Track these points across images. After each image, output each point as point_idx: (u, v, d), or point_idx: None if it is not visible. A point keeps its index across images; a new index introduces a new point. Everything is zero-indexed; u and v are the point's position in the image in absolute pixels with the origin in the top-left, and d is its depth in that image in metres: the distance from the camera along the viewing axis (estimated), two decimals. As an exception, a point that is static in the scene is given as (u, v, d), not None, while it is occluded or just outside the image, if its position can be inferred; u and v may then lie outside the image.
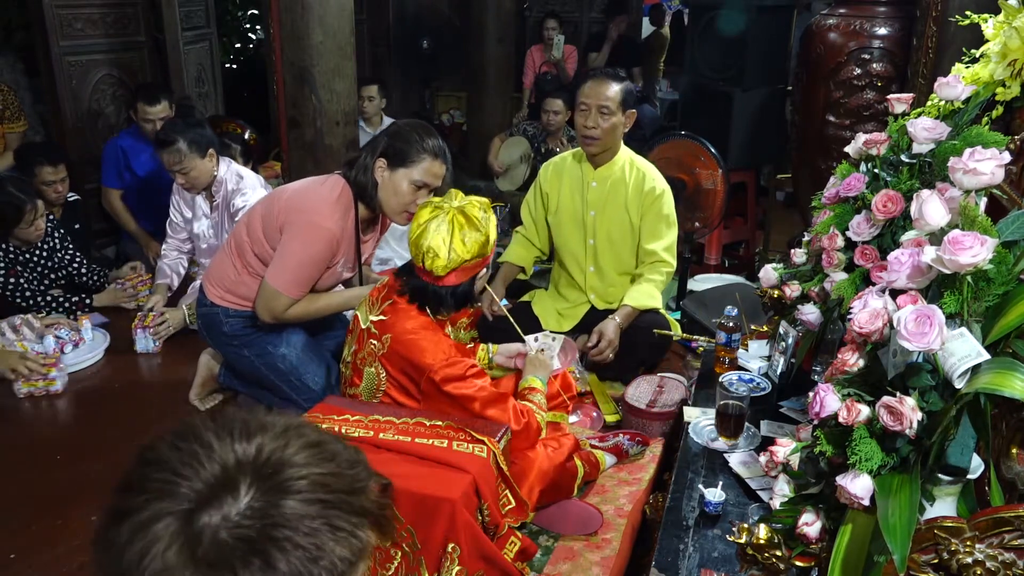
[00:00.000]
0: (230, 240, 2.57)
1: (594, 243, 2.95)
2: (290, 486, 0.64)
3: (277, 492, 0.64)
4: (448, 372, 1.95)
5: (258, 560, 0.60)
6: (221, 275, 2.55)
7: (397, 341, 2.01)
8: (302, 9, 3.70)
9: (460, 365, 1.97)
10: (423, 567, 1.65)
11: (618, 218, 2.90)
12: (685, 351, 3.09)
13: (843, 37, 3.41)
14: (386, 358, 2.04)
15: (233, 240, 2.54)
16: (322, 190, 2.38)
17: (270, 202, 2.46)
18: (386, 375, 2.05)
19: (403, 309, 2.05)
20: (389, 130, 2.42)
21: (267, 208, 2.44)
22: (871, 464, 1.12)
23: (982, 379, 1.05)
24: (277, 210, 2.38)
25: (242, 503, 0.62)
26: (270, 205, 2.44)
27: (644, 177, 2.88)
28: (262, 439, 0.67)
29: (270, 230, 2.40)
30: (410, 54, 6.69)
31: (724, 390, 1.84)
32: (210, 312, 2.56)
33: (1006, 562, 0.99)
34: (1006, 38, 1.58)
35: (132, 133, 4.04)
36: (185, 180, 3.17)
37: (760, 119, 3.90)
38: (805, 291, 1.92)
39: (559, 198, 2.99)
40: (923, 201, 1.23)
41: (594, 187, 2.91)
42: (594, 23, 7.09)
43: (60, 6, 4.17)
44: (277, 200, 2.43)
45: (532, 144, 4.80)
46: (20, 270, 3.26)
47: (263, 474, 0.65)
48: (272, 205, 2.42)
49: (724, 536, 1.51)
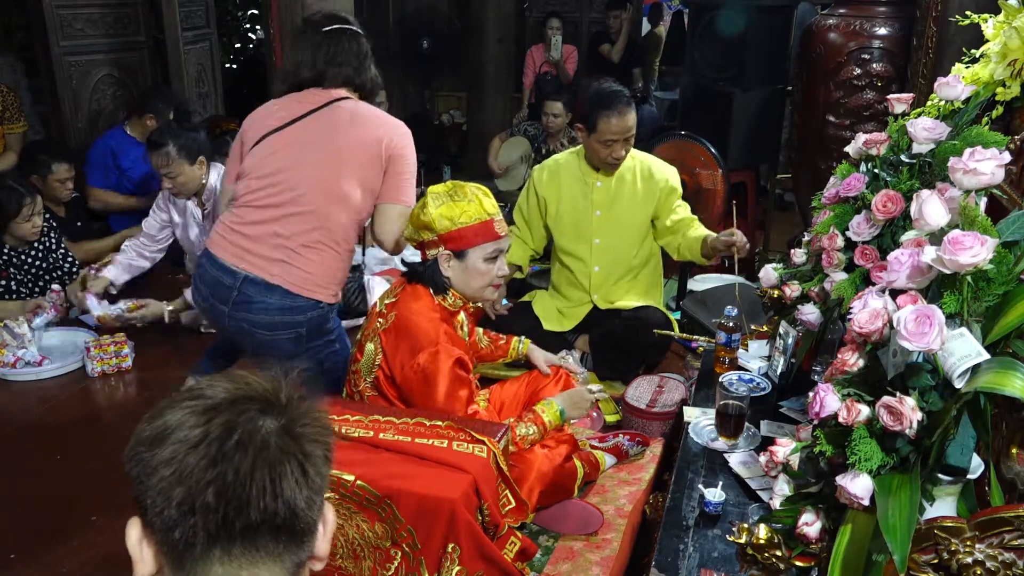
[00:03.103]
0: (318, 232, 2.23)
1: (600, 243, 2.94)
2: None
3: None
4: (432, 351, 1.96)
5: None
6: (330, 272, 2.28)
7: (399, 317, 2.03)
8: (302, 9, 3.71)
9: (448, 353, 1.97)
10: (423, 567, 1.65)
11: (626, 215, 2.90)
12: (685, 351, 3.09)
13: (843, 37, 3.41)
14: (386, 333, 2.05)
15: (328, 227, 2.23)
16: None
17: (349, 158, 2.21)
18: (381, 353, 2.06)
19: (412, 291, 2.07)
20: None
21: (351, 162, 2.22)
22: (871, 464, 1.12)
23: (982, 379, 1.05)
24: (370, 155, 2.20)
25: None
26: (351, 160, 2.21)
27: (650, 168, 2.91)
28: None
29: (368, 175, 2.22)
30: (410, 54, 6.69)
31: (724, 390, 1.84)
32: (321, 314, 2.30)
33: (1006, 562, 0.99)
34: (1006, 38, 1.58)
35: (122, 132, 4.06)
36: (172, 185, 3.15)
37: (760, 119, 3.90)
38: (805, 291, 1.92)
39: (559, 202, 2.97)
40: (923, 201, 1.23)
41: (599, 187, 2.91)
42: (594, 23, 7.08)
43: (60, 6, 4.18)
44: (359, 147, 2.21)
45: (533, 144, 4.79)
46: (13, 272, 3.25)
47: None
48: (357, 156, 2.21)
49: (724, 536, 1.51)
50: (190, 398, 0.79)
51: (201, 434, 0.75)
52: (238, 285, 2.21)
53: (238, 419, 0.77)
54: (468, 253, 2.03)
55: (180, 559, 0.76)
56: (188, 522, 0.74)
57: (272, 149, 2.24)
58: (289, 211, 2.20)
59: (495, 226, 2.04)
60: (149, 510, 0.75)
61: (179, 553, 0.76)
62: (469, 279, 2.06)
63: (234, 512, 0.74)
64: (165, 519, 0.74)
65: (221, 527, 0.74)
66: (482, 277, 2.06)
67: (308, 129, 2.24)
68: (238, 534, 0.75)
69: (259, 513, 0.75)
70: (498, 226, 2.05)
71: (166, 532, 0.75)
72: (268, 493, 0.75)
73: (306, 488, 0.78)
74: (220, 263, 2.22)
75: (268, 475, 0.75)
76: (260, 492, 0.75)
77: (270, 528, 0.76)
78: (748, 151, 3.94)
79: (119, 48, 4.44)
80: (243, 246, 2.22)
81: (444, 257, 2.03)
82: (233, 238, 2.23)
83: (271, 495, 0.75)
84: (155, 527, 0.76)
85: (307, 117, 2.25)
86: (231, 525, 0.74)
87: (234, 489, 0.74)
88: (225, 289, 2.23)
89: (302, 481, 0.78)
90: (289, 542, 0.78)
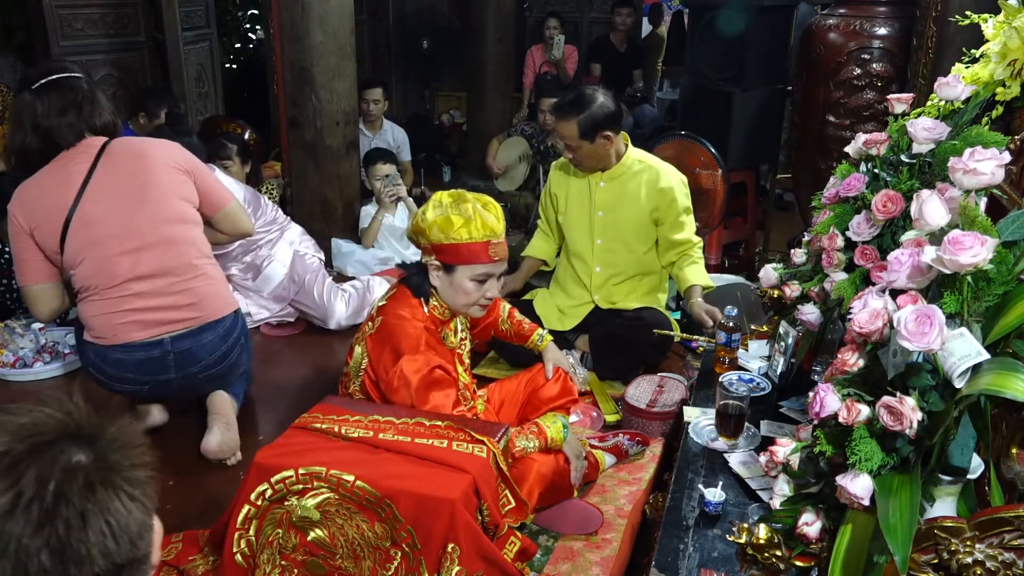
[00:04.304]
0: (190, 250, 2.33)
1: (601, 243, 2.95)
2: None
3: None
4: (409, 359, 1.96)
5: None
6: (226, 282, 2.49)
7: (384, 322, 2.03)
8: (302, 9, 3.71)
9: (423, 360, 1.97)
10: (423, 567, 1.65)
11: (629, 217, 2.89)
12: (685, 351, 3.09)
13: (843, 37, 3.41)
14: (371, 338, 2.05)
15: (193, 245, 2.34)
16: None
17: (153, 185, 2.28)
18: (367, 357, 2.05)
19: (402, 295, 2.07)
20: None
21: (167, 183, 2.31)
22: (871, 464, 1.12)
23: (983, 380, 1.05)
24: (173, 179, 2.31)
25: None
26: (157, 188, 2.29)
27: (658, 175, 2.85)
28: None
29: (185, 190, 2.33)
30: (410, 54, 6.69)
31: (724, 390, 1.84)
32: (245, 326, 2.49)
33: (1006, 562, 0.99)
34: (1006, 38, 1.58)
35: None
36: None
37: (760, 119, 3.90)
38: (805, 291, 1.92)
39: (567, 199, 2.99)
40: (923, 201, 1.23)
41: (602, 187, 2.90)
42: (594, 23, 7.08)
43: (60, 6, 4.18)
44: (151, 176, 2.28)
45: (531, 143, 4.80)
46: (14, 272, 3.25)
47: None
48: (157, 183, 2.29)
49: (724, 536, 1.51)
50: None
51: (12, 498, 0.68)
52: (169, 348, 2.27)
53: (49, 468, 0.70)
54: (457, 269, 2.00)
55: None
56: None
57: (88, 222, 2.18)
58: (150, 257, 2.22)
59: (489, 250, 2.00)
60: None
61: None
62: (454, 294, 2.04)
63: (75, 568, 0.70)
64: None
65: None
66: (467, 296, 2.03)
67: (105, 180, 2.21)
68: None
69: (104, 559, 0.71)
70: (492, 250, 2.00)
71: None
72: (108, 537, 0.71)
73: (140, 514, 0.74)
74: (139, 344, 2.25)
75: (103, 519, 0.71)
76: (99, 538, 0.70)
77: (114, 569, 0.72)
78: (748, 151, 3.93)
79: (119, 48, 4.44)
80: (148, 317, 2.24)
81: (434, 266, 2.03)
82: (135, 313, 2.24)
83: (111, 538, 0.71)
84: None
85: (92, 175, 2.19)
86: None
87: (70, 546, 0.69)
88: (156, 362, 2.27)
89: (136, 509, 0.74)
90: (132, 572, 0.75)
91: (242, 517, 1.72)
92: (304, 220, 3.80)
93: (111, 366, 2.28)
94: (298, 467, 1.67)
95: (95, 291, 2.23)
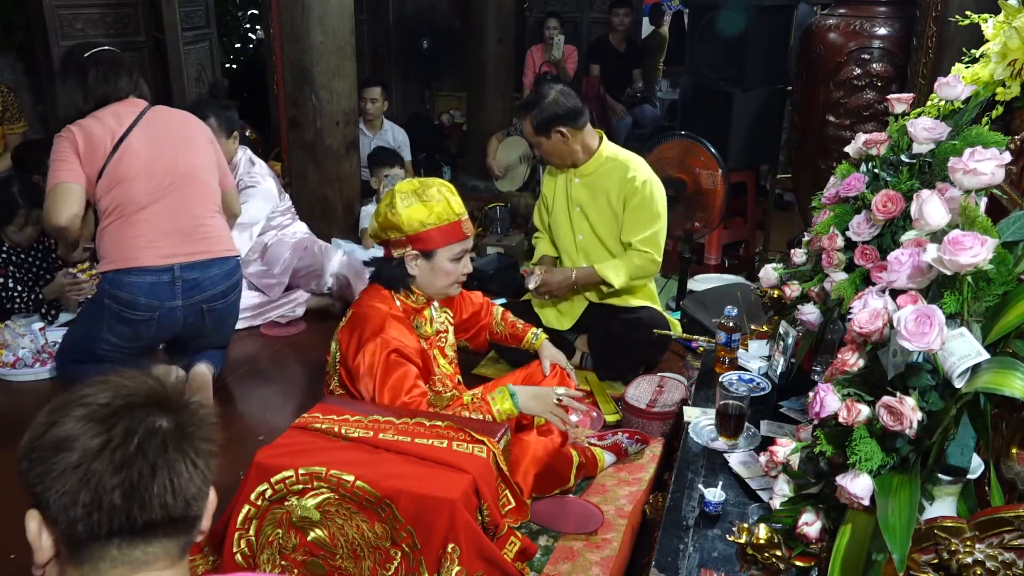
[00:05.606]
0: (210, 198, 2.64)
1: (583, 239, 2.97)
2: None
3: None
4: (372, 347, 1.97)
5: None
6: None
7: (354, 314, 2.08)
8: (302, 9, 3.71)
9: (381, 342, 1.98)
10: (423, 567, 1.65)
11: (604, 212, 2.90)
12: (685, 351, 3.09)
13: (843, 37, 3.41)
14: (341, 331, 2.08)
15: (214, 195, 2.66)
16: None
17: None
18: (339, 351, 2.08)
19: (372, 290, 2.12)
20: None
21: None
22: (871, 464, 1.12)
23: (982, 379, 1.05)
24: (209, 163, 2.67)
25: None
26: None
27: (626, 168, 2.84)
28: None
29: (216, 157, 2.71)
30: (410, 54, 6.68)
31: (724, 390, 1.84)
32: (242, 278, 2.79)
33: (1006, 562, 0.99)
34: (1006, 38, 1.58)
35: None
36: None
37: (760, 119, 3.90)
38: (805, 291, 1.92)
39: (553, 199, 3.03)
40: (923, 201, 1.23)
41: (577, 183, 2.93)
42: (594, 23, 7.08)
43: (60, 6, 4.18)
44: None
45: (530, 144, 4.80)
46: (13, 271, 3.25)
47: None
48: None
49: (724, 536, 1.51)
50: (81, 404, 0.85)
51: (103, 441, 0.83)
52: (178, 275, 2.48)
53: (136, 425, 0.84)
54: (436, 253, 2.07)
55: (79, 546, 0.85)
56: (93, 519, 0.82)
57: (133, 152, 2.47)
58: (176, 192, 2.51)
59: (462, 227, 2.09)
60: (52, 507, 0.84)
61: (79, 542, 0.84)
62: (435, 278, 2.11)
63: (138, 510, 0.83)
64: (70, 516, 0.82)
65: (125, 523, 0.83)
66: (447, 276, 2.11)
67: (153, 125, 2.54)
68: (140, 528, 0.84)
69: (161, 510, 0.84)
70: (465, 226, 2.10)
71: (69, 526, 0.83)
72: (168, 492, 0.84)
73: (199, 481, 0.88)
74: (150, 269, 2.44)
75: (168, 475, 0.84)
76: (161, 491, 0.84)
77: (167, 520, 0.86)
78: (748, 151, 3.94)
79: (119, 48, 4.42)
80: (161, 245, 2.47)
81: (411, 256, 2.07)
82: (151, 239, 2.46)
83: (171, 493, 0.85)
84: (58, 521, 0.84)
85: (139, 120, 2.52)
86: (134, 521, 0.83)
87: (139, 490, 0.82)
88: (165, 287, 2.47)
89: (196, 476, 0.87)
90: (182, 528, 0.89)
91: (242, 517, 1.72)
92: (304, 220, 3.81)
93: (124, 290, 2.46)
94: (298, 467, 1.67)
95: (117, 216, 2.47)
